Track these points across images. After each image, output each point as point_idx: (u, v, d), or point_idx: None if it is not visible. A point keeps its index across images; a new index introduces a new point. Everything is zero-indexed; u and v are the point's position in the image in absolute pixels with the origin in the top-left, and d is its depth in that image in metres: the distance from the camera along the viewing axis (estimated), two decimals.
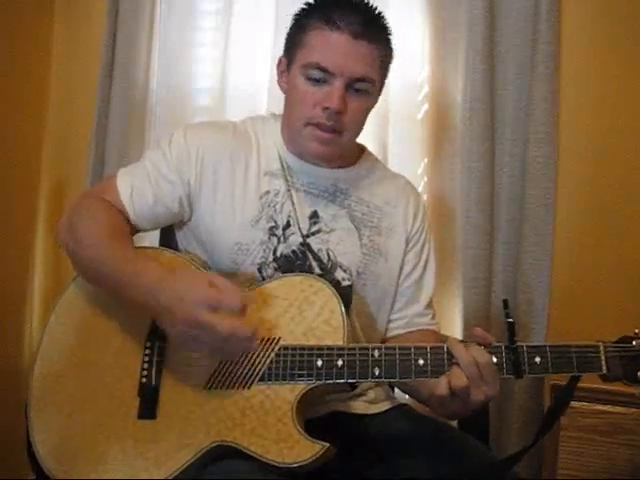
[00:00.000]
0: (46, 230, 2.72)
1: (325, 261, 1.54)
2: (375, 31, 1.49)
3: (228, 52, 2.48)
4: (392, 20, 2.25)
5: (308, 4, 1.53)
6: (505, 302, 1.34)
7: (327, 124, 1.46)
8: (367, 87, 1.49)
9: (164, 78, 2.56)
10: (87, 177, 2.54)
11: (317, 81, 1.47)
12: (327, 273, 1.51)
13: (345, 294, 1.48)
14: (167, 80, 2.55)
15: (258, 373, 1.33)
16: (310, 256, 1.53)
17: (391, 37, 1.55)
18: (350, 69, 1.44)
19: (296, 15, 1.55)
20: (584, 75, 2.26)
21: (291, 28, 1.56)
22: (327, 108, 1.45)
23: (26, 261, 2.68)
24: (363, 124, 1.56)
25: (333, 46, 1.45)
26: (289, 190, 1.55)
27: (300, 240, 1.53)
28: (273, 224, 1.52)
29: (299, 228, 1.54)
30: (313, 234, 1.54)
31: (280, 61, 1.59)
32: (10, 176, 2.57)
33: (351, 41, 1.44)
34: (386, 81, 1.61)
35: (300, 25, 1.53)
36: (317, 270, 1.52)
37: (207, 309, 1.24)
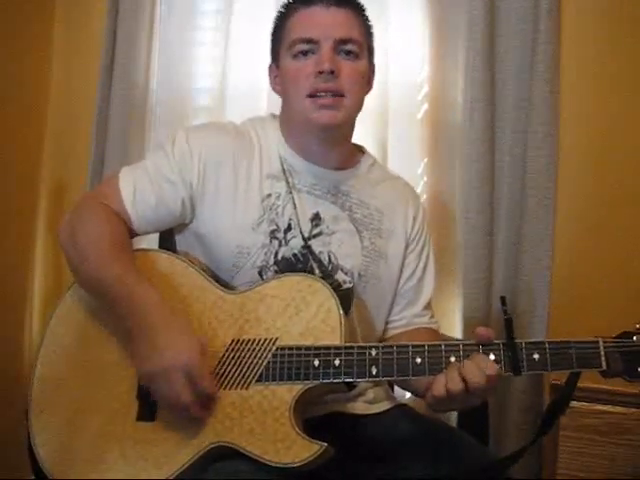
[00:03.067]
0: (46, 230, 2.72)
1: (326, 263, 1.54)
2: (348, 1, 1.54)
3: (228, 52, 2.48)
4: (392, 20, 2.28)
5: (281, 5, 1.60)
6: (503, 299, 1.33)
7: (325, 86, 1.47)
8: (355, 49, 1.51)
9: (164, 78, 2.56)
10: (87, 177, 2.54)
11: (305, 54, 1.50)
12: (328, 276, 1.51)
13: (346, 296, 1.47)
14: (167, 80, 2.56)
15: (256, 374, 1.33)
16: (311, 259, 1.53)
17: (365, 10, 1.59)
18: (332, 31, 1.48)
19: (274, 19, 1.61)
20: (584, 75, 2.26)
21: (273, 31, 1.61)
22: (321, 72, 1.46)
23: (26, 261, 2.68)
24: (361, 91, 1.55)
25: (311, 18, 1.51)
26: (290, 192, 1.54)
27: (302, 243, 1.53)
28: (275, 227, 1.52)
29: (300, 231, 1.53)
30: (314, 236, 1.54)
31: (270, 68, 1.63)
32: (10, 176, 2.57)
33: (326, 10, 1.51)
34: (379, 76, 1.65)
35: (279, 22, 1.59)
36: (318, 273, 1.51)
37: (185, 376, 1.27)
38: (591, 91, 2.27)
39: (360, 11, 1.57)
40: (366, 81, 1.57)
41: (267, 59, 2.31)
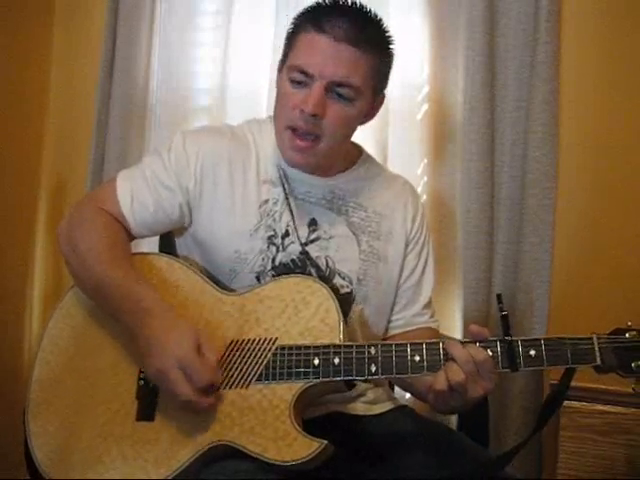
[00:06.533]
0: (46, 230, 2.72)
1: (324, 268, 1.54)
2: (364, 37, 1.43)
3: (228, 52, 2.48)
4: (392, 20, 2.28)
5: (305, 8, 1.52)
6: (499, 296, 1.35)
7: (304, 127, 1.44)
8: (349, 93, 1.44)
9: (164, 78, 2.56)
10: (87, 177, 2.54)
11: (299, 84, 1.45)
12: (325, 280, 1.49)
13: (344, 301, 1.48)
14: (167, 80, 2.56)
15: (256, 373, 1.34)
16: (309, 264, 1.53)
17: (388, 45, 1.52)
18: (330, 72, 1.41)
19: (293, 18, 1.54)
20: (584, 75, 2.26)
21: (288, 31, 1.55)
22: (303, 111, 1.43)
23: (26, 261, 2.68)
24: (346, 132, 1.53)
25: (316, 49, 1.43)
26: (287, 198, 1.54)
27: (299, 249, 1.53)
28: (272, 233, 1.52)
29: (298, 237, 1.53)
30: (312, 242, 1.54)
31: (280, 63, 1.59)
32: (10, 176, 2.57)
33: (333, 44, 1.41)
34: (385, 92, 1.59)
35: (293, 28, 1.53)
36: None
37: (178, 368, 1.27)
38: (591, 91, 2.27)
39: (378, 48, 1.48)
40: (354, 122, 1.52)
41: (267, 59, 2.34)
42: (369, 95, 1.50)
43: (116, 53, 2.52)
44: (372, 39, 1.46)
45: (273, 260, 1.51)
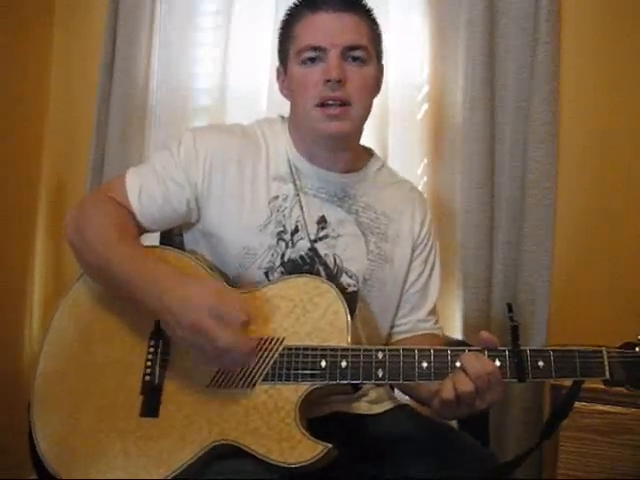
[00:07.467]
0: (46, 230, 2.72)
1: (331, 266, 1.54)
2: (357, 6, 1.52)
3: (228, 52, 2.49)
4: (392, 20, 2.29)
5: (288, 8, 1.57)
6: (509, 306, 1.33)
7: (333, 95, 1.46)
8: (362, 54, 1.49)
9: (164, 78, 2.57)
10: (87, 177, 2.54)
11: (312, 61, 1.48)
12: (333, 278, 1.50)
13: (350, 300, 1.47)
14: (167, 80, 2.56)
15: (262, 373, 1.33)
16: (317, 261, 1.53)
17: (373, 14, 1.57)
18: (340, 39, 1.47)
19: (281, 22, 1.59)
20: (584, 75, 2.26)
21: (280, 35, 1.59)
22: (328, 80, 1.45)
23: (26, 261, 2.68)
24: (370, 97, 1.55)
25: (318, 25, 1.49)
26: (298, 194, 1.54)
27: (308, 245, 1.53)
28: (281, 229, 1.52)
29: (307, 233, 1.53)
30: (320, 239, 1.54)
31: (278, 71, 1.61)
32: (10, 176, 2.57)
33: (334, 15, 1.48)
34: (384, 69, 1.62)
35: (286, 26, 1.57)
36: (323, 275, 1.51)
37: (210, 316, 1.25)
38: (591, 91, 2.27)
39: (367, 15, 1.54)
40: (374, 86, 1.56)
41: (267, 59, 2.34)
42: (375, 60, 1.55)
43: (116, 53, 2.52)
44: (363, 7, 1.55)
45: (282, 256, 1.51)
